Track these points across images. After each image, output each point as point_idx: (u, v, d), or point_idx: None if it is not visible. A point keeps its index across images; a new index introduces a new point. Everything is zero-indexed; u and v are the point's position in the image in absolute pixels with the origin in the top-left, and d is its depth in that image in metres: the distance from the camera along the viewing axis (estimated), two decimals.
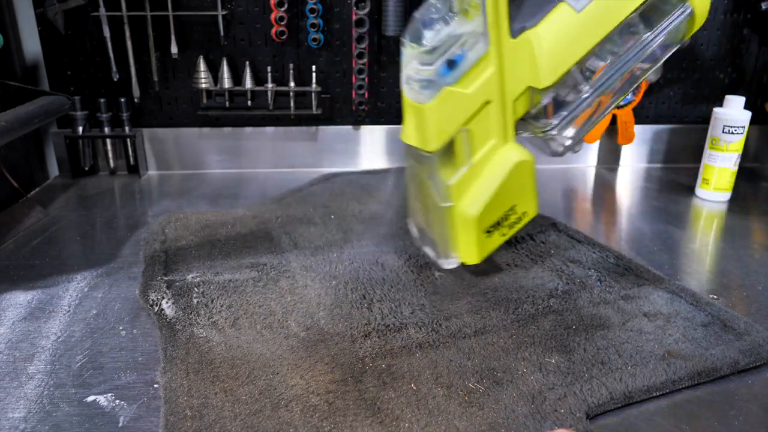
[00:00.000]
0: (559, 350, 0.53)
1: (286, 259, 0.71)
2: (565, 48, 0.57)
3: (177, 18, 0.99)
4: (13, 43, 0.96)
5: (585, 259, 0.71)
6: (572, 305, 0.61)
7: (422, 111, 0.56)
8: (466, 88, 0.56)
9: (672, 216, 0.89)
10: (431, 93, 0.55)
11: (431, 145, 0.57)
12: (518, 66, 0.57)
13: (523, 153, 0.60)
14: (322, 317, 0.58)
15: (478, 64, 0.55)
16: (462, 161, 0.59)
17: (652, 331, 0.56)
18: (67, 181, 1.04)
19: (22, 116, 0.80)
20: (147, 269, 0.68)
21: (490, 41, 0.55)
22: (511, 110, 0.59)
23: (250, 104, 1.04)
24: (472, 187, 0.60)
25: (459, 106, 0.56)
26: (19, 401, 0.47)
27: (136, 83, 1.02)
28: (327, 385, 0.48)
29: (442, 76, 0.55)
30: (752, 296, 0.65)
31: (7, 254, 0.74)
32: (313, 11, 0.99)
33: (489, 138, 0.59)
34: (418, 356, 0.52)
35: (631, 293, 0.63)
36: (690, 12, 0.60)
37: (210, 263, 0.70)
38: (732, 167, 0.93)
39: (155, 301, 0.61)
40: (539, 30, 0.56)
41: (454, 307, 0.60)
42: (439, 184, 0.59)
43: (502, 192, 0.60)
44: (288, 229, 0.80)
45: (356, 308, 0.60)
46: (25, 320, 0.59)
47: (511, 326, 0.57)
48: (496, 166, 0.60)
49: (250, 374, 0.49)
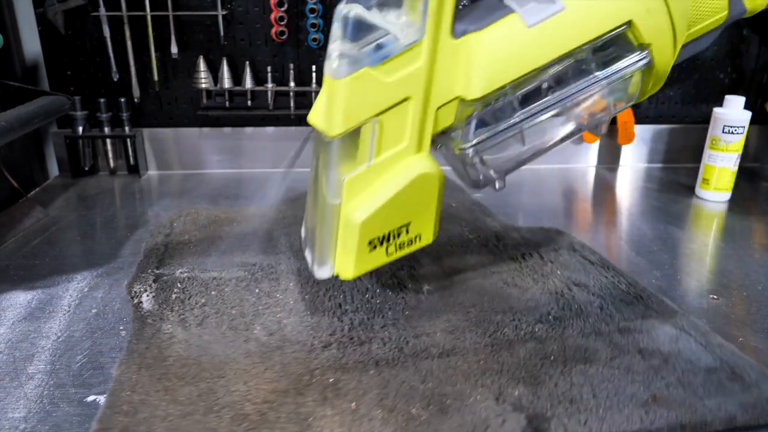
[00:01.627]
0: (527, 382, 0.48)
1: (277, 260, 0.70)
2: (505, 62, 0.51)
3: (177, 18, 0.99)
4: (13, 43, 0.96)
5: (593, 283, 0.65)
6: (559, 333, 0.55)
7: (333, 87, 0.49)
8: (387, 75, 0.49)
9: (672, 216, 0.89)
10: (348, 70, 0.48)
11: (335, 128, 0.50)
12: (451, 70, 0.51)
13: (431, 166, 0.53)
14: (289, 323, 0.57)
15: (406, 52, 0.49)
16: (364, 157, 0.52)
17: (642, 371, 0.49)
18: (67, 181, 1.04)
19: (22, 116, 0.80)
20: (142, 261, 0.69)
21: (426, 31, 0.49)
22: (433, 118, 0.52)
23: (250, 104, 1.04)
24: (367, 190, 0.52)
25: (374, 92, 0.49)
26: (19, 401, 0.47)
27: (136, 83, 1.02)
28: (267, 394, 0.46)
29: (365, 55, 0.48)
30: (752, 296, 0.65)
31: (7, 254, 0.74)
32: (313, 11, 0.99)
33: (400, 140, 0.52)
34: (371, 374, 0.49)
35: (632, 325, 0.56)
36: (647, 62, 0.55)
37: (203, 259, 0.70)
38: (732, 167, 0.93)
39: (137, 294, 0.62)
40: (482, 35, 0.51)
41: (430, 324, 0.57)
42: (333, 178, 0.52)
43: (398, 203, 0.52)
44: (291, 230, 0.79)
45: (327, 316, 0.58)
46: (25, 320, 0.59)
47: (483, 350, 0.52)
48: (397, 173, 0.52)
49: (197, 375, 0.48)
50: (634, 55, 0.55)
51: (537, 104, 0.55)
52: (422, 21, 0.49)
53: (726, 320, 0.60)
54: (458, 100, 0.53)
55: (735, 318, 0.60)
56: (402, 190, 0.52)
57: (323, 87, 0.52)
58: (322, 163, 0.54)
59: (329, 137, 0.51)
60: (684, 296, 0.65)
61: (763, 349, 0.55)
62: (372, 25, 0.49)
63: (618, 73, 0.55)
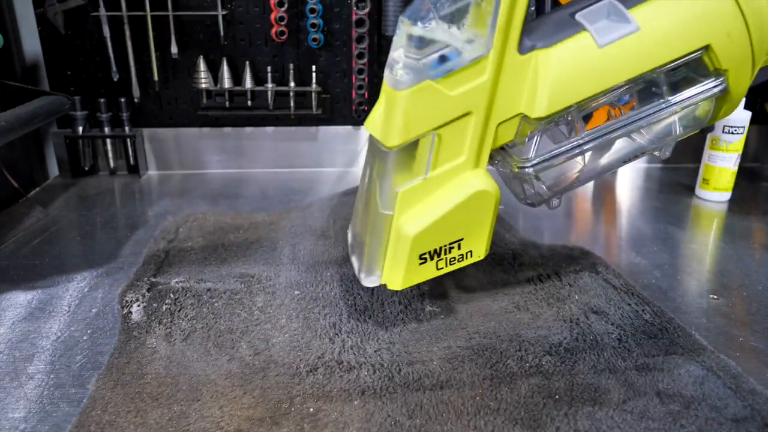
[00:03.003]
0: (526, 424, 0.43)
1: (277, 272, 0.67)
2: (574, 81, 0.49)
3: (177, 18, 0.99)
4: (13, 43, 0.96)
5: (613, 311, 0.59)
6: (568, 368, 0.50)
7: (394, 98, 0.48)
8: (450, 89, 0.48)
9: (672, 216, 0.89)
10: (411, 81, 0.47)
11: (393, 139, 0.49)
12: (515, 86, 0.50)
13: (489, 184, 0.52)
14: (278, 342, 0.54)
15: (471, 66, 0.48)
16: (420, 170, 0.51)
17: (659, 417, 0.44)
18: (67, 181, 1.04)
19: (22, 116, 0.80)
20: (140, 268, 0.68)
21: (493, 45, 0.48)
22: (493, 134, 0.51)
23: (250, 104, 1.04)
24: (421, 203, 0.52)
25: (436, 105, 0.48)
26: (19, 401, 0.47)
27: (136, 83, 1.02)
28: (241, 422, 0.44)
29: (428, 67, 0.48)
30: (752, 296, 0.65)
31: (7, 254, 0.74)
32: (313, 11, 0.99)
33: (458, 155, 0.51)
34: (355, 404, 0.45)
35: (652, 362, 0.50)
36: (722, 89, 0.52)
37: (201, 268, 0.68)
38: (732, 167, 0.93)
39: (128, 303, 0.60)
40: (551, 53, 0.49)
41: (428, 350, 0.53)
42: (387, 188, 0.51)
43: (452, 219, 0.51)
44: (296, 240, 0.76)
45: (319, 337, 0.54)
46: (25, 320, 0.59)
47: (481, 384, 0.48)
48: (454, 189, 0.51)
49: (172, 396, 0.46)
50: (709, 81, 0.52)
51: (603, 126, 0.53)
52: (489, 36, 0.47)
53: (726, 320, 0.60)
54: (520, 117, 0.51)
55: (735, 318, 0.60)
56: (458, 206, 0.51)
57: (382, 96, 0.51)
58: (377, 172, 0.53)
59: (387, 148, 0.50)
60: (684, 296, 0.65)
61: (763, 349, 0.55)
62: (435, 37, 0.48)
63: (690, 99, 0.53)
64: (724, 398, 0.46)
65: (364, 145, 1.11)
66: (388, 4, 0.99)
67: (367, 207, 0.56)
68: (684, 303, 0.63)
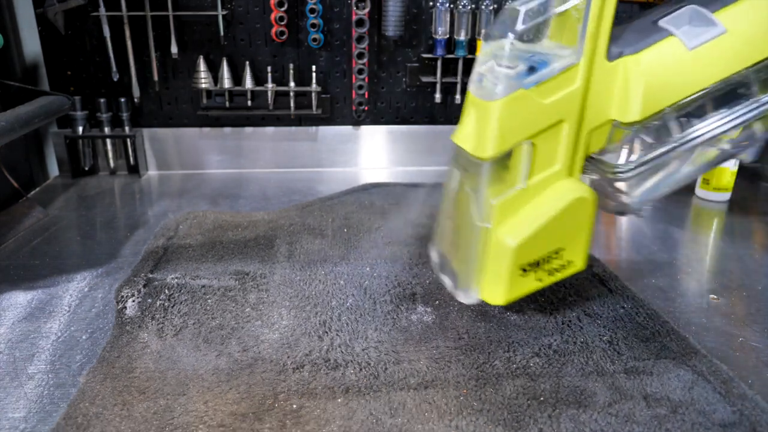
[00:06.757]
0: (508, 425, 0.43)
1: (271, 270, 0.68)
2: (665, 85, 0.50)
3: (177, 18, 0.99)
4: (13, 43, 0.96)
5: (607, 313, 0.59)
6: (555, 370, 0.50)
7: (487, 109, 0.49)
8: (543, 97, 0.49)
9: (672, 216, 0.89)
10: (504, 91, 0.48)
11: (488, 150, 0.49)
12: (606, 93, 0.51)
13: (586, 190, 0.52)
14: (267, 339, 0.54)
15: (563, 74, 0.49)
16: (516, 180, 0.51)
17: (644, 421, 0.43)
18: (67, 181, 1.04)
19: (22, 116, 0.80)
20: (138, 264, 0.69)
21: (583, 53, 0.49)
22: (585, 141, 0.52)
23: (250, 104, 1.04)
24: (519, 213, 0.52)
25: (530, 114, 0.49)
26: (19, 401, 0.47)
27: (136, 83, 1.02)
28: (224, 417, 0.44)
29: (519, 77, 0.48)
30: (752, 296, 0.65)
31: (7, 254, 0.74)
32: (313, 11, 0.99)
33: (553, 163, 0.52)
34: (338, 402, 0.46)
35: (641, 366, 0.50)
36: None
37: (197, 265, 0.69)
38: (732, 167, 0.93)
39: (123, 299, 0.61)
40: (640, 58, 0.50)
41: (415, 349, 0.53)
42: (483, 200, 0.51)
43: (552, 228, 0.51)
44: (293, 238, 0.77)
45: (308, 335, 0.55)
46: (25, 320, 0.59)
47: (466, 384, 0.48)
48: (551, 197, 0.52)
49: (159, 390, 0.47)
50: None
51: (696, 128, 0.53)
52: (579, 44, 0.49)
53: (726, 320, 0.60)
54: (611, 123, 0.52)
55: (735, 318, 0.60)
56: (558, 214, 0.51)
57: (469, 108, 0.52)
58: (469, 185, 0.53)
59: (482, 160, 0.50)
60: (684, 296, 0.65)
61: (763, 349, 0.55)
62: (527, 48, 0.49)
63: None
64: (713, 403, 0.45)
65: (363, 145, 1.11)
66: (388, 4, 0.99)
67: (457, 223, 0.56)
68: (684, 303, 0.63)
